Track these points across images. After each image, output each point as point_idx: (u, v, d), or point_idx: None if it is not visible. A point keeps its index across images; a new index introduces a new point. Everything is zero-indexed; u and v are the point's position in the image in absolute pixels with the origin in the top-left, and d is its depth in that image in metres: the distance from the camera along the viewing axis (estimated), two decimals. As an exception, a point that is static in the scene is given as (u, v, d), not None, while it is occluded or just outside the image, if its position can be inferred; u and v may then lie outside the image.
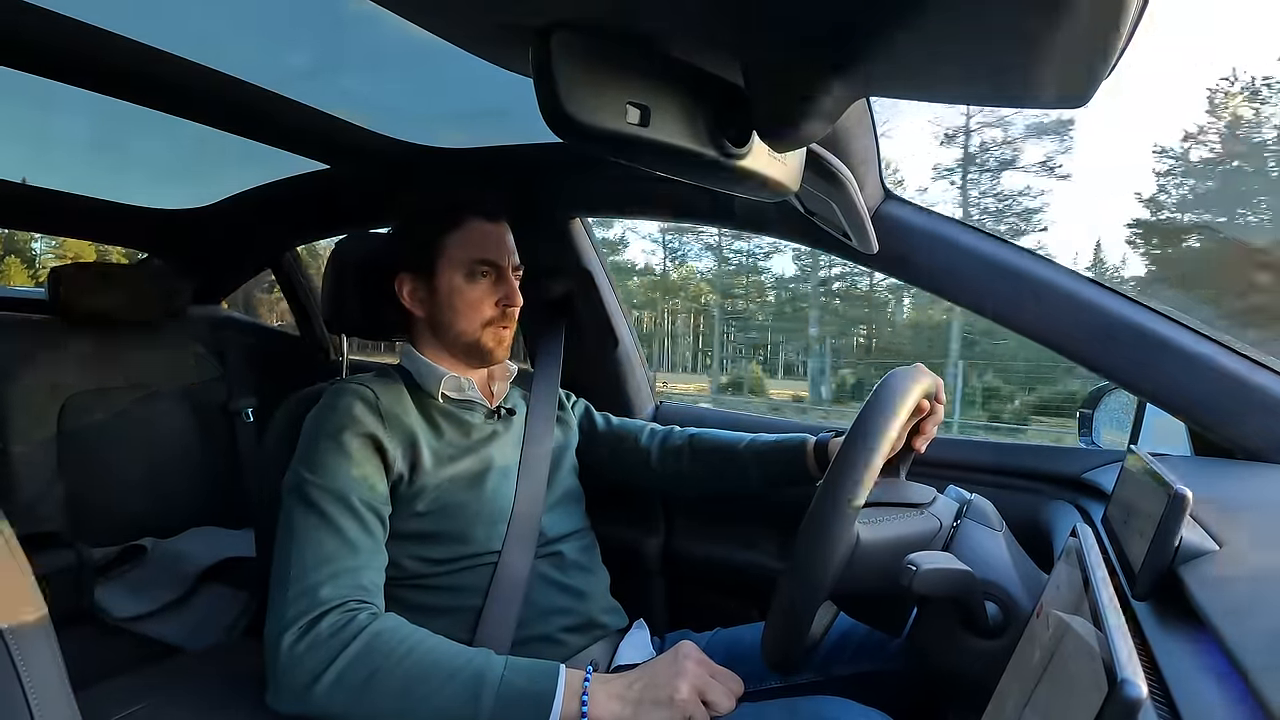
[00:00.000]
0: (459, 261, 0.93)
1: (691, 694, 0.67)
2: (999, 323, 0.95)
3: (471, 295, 0.93)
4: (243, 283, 2.06)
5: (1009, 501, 0.87)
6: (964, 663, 0.65)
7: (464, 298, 0.93)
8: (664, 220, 1.33)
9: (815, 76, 0.42)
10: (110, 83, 0.99)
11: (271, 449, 0.93)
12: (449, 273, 0.93)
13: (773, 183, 0.54)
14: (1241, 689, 0.38)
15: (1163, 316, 0.87)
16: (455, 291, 0.93)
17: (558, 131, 0.41)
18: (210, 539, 1.48)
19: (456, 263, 0.93)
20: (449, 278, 0.93)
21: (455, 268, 0.93)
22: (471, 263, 0.93)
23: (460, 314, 0.93)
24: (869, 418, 0.65)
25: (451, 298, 0.93)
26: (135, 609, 1.25)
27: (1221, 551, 0.54)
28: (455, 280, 0.93)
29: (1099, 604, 0.39)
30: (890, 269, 0.99)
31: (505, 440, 0.97)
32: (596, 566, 1.00)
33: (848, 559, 0.64)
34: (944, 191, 18.55)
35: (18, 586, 0.51)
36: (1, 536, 0.52)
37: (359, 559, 0.75)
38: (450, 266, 0.93)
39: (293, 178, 1.51)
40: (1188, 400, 0.86)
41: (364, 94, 1.13)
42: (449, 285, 0.93)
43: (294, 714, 0.68)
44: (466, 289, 0.93)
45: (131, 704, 0.73)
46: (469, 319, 0.94)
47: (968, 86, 0.42)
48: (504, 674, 0.67)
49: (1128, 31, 0.31)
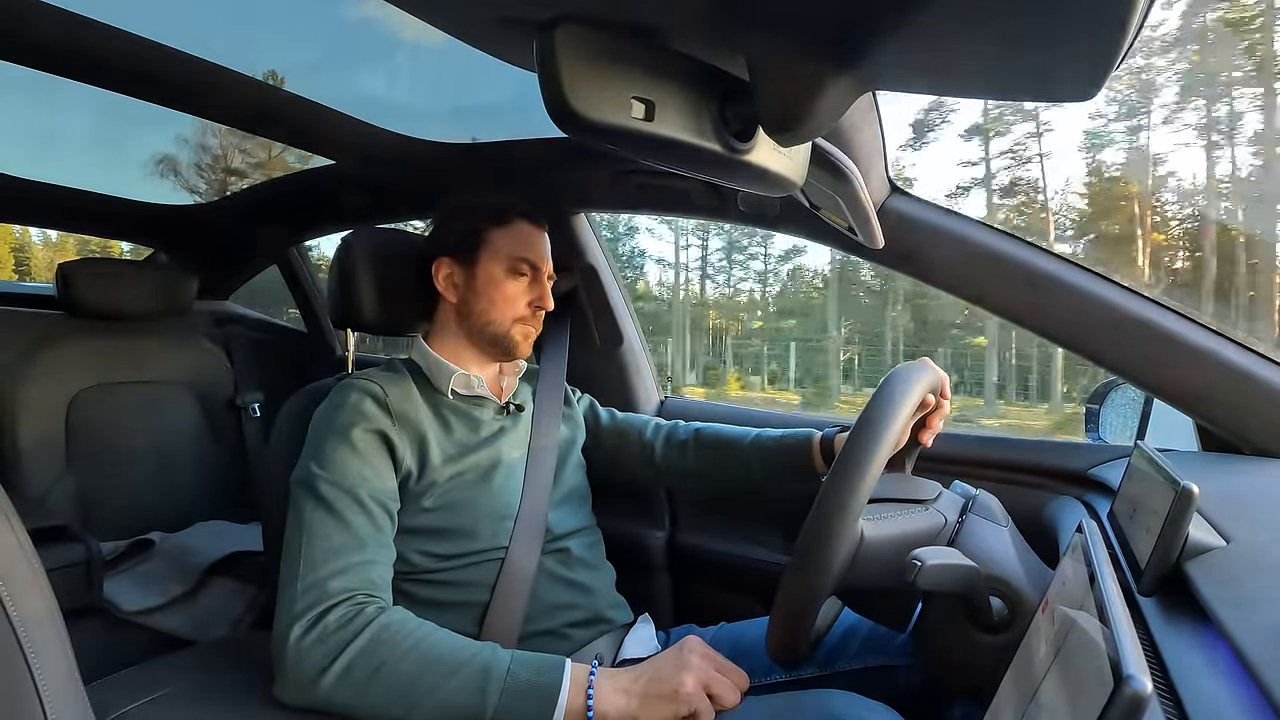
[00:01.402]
0: (502, 255, 0.95)
1: (696, 688, 0.68)
2: (1004, 317, 0.95)
3: (508, 290, 0.95)
4: (249, 278, 2.07)
5: (1014, 497, 0.87)
6: (969, 658, 0.65)
7: (501, 290, 0.95)
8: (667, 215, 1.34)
9: (821, 70, 0.41)
10: (116, 79, 1.00)
11: (278, 444, 0.94)
12: (490, 264, 0.95)
13: (778, 177, 0.53)
14: (1248, 684, 0.37)
15: (1170, 311, 0.86)
16: (493, 283, 0.95)
17: (562, 126, 0.41)
18: (218, 533, 1.49)
19: (499, 256, 0.95)
20: (489, 269, 0.95)
21: (497, 261, 0.95)
22: (513, 259, 0.95)
23: (494, 305, 0.95)
24: (874, 412, 0.65)
25: (489, 288, 0.95)
26: (144, 602, 1.26)
27: (1228, 547, 0.54)
28: (495, 272, 0.95)
29: (1105, 599, 0.39)
30: (896, 264, 0.99)
31: (513, 436, 0.97)
32: (602, 563, 1.00)
33: (852, 555, 0.64)
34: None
35: (28, 580, 0.52)
36: (12, 530, 0.52)
37: (367, 553, 0.76)
38: (492, 258, 0.95)
39: (299, 173, 1.51)
40: (1195, 395, 0.86)
41: (370, 89, 1.13)
42: (487, 275, 0.95)
43: (301, 706, 0.69)
44: (505, 282, 0.95)
45: (140, 696, 0.74)
46: (502, 312, 0.95)
47: (973, 81, 0.41)
48: (510, 667, 0.67)
49: (1134, 27, 0.31)
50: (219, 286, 2.01)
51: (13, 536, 0.52)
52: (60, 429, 1.40)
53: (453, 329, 0.98)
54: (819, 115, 0.44)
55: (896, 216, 0.94)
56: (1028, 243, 0.92)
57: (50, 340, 1.43)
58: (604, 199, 1.20)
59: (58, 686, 0.50)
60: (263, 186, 1.63)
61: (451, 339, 0.98)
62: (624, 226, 21.41)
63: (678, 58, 0.47)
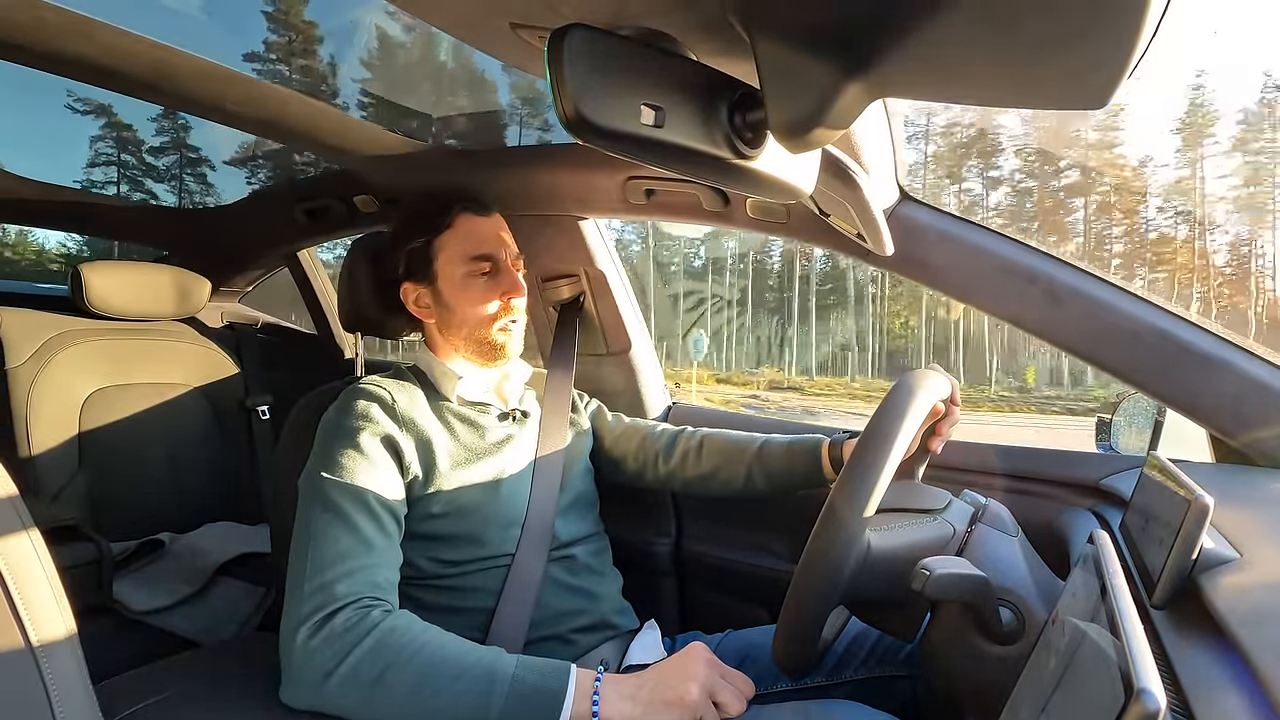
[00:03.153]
0: (456, 261, 0.94)
1: (702, 695, 0.67)
2: (1016, 326, 0.94)
3: (473, 293, 0.94)
4: (259, 281, 2.08)
5: (1025, 507, 0.86)
6: (977, 669, 0.64)
7: (467, 297, 0.94)
8: (676, 221, 1.33)
9: (831, 78, 0.41)
10: (121, 80, 1.01)
11: (287, 447, 0.94)
12: (448, 276, 0.94)
13: (788, 184, 0.53)
14: (1262, 699, 0.37)
15: (1184, 320, 0.86)
16: (457, 290, 0.94)
17: (572, 132, 0.41)
18: (226, 534, 1.49)
19: (454, 263, 0.94)
20: (449, 280, 0.94)
21: (453, 269, 0.94)
22: (468, 260, 0.94)
23: (466, 314, 0.94)
24: (883, 419, 0.65)
25: (455, 299, 0.94)
26: (152, 602, 1.27)
27: (1242, 560, 0.53)
28: (455, 282, 0.94)
29: (1116, 611, 0.38)
30: (905, 271, 0.99)
31: (519, 443, 0.97)
32: (608, 569, 1.00)
33: (860, 564, 0.63)
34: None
35: (40, 579, 0.52)
36: (24, 530, 0.53)
37: (373, 557, 0.76)
38: (448, 268, 0.94)
39: (310, 177, 1.52)
40: (1209, 406, 0.85)
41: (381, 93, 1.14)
42: (450, 288, 0.94)
43: (308, 708, 0.69)
44: (467, 288, 0.94)
45: (148, 696, 0.74)
46: (475, 317, 0.94)
47: (984, 89, 0.41)
48: (515, 672, 0.67)
49: (1147, 36, 0.31)
50: (229, 289, 2.02)
51: (25, 536, 0.53)
52: (73, 430, 1.41)
53: (442, 343, 0.98)
54: (829, 122, 0.44)
55: (906, 223, 0.94)
56: (1043, 252, 0.91)
57: (64, 341, 1.44)
58: (613, 205, 1.20)
59: (67, 685, 0.50)
60: (272, 189, 1.65)
61: (445, 351, 0.98)
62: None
63: (688, 64, 0.47)
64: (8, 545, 0.51)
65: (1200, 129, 44.19)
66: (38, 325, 1.43)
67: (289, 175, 1.63)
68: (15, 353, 1.38)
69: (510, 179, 1.21)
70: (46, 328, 1.44)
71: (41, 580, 0.52)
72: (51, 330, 1.44)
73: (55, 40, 0.88)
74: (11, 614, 0.49)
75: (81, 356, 1.46)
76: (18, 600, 0.49)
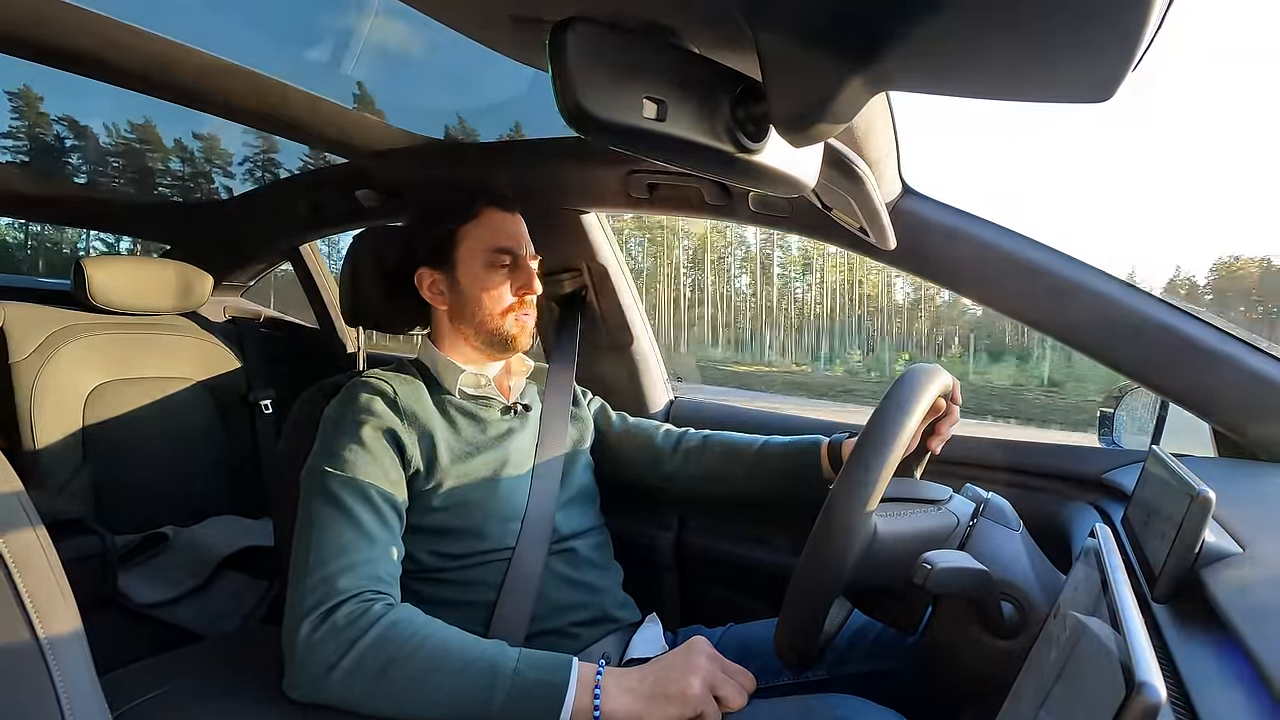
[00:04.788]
0: (477, 251, 0.95)
1: (703, 689, 0.68)
2: (1018, 319, 0.94)
3: (491, 284, 0.95)
4: (262, 275, 2.08)
5: (1027, 501, 0.86)
6: (979, 663, 0.65)
7: (484, 287, 0.95)
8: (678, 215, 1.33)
9: (834, 71, 0.41)
10: (129, 77, 1.01)
11: (290, 440, 0.94)
12: (468, 264, 0.95)
13: (790, 178, 0.53)
14: (1263, 694, 0.37)
15: (1187, 314, 0.85)
16: (475, 281, 0.95)
17: (574, 125, 0.41)
18: (230, 528, 1.50)
19: (475, 253, 0.95)
20: (469, 268, 0.95)
21: (474, 258, 0.95)
22: (490, 252, 0.95)
23: (482, 303, 0.95)
24: (884, 417, 0.65)
25: (472, 288, 0.95)
26: (157, 595, 1.27)
27: (1244, 554, 0.53)
28: (475, 270, 0.95)
29: (1118, 605, 0.38)
30: (908, 265, 0.98)
31: (521, 437, 0.97)
32: (609, 563, 1.00)
33: (863, 553, 0.63)
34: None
35: (45, 572, 0.52)
36: (29, 523, 0.53)
37: (375, 550, 0.76)
38: (469, 257, 0.95)
39: (313, 171, 1.52)
40: (1212, 400, 0.85)
41: (383, 88, 1.13)
42: (469, 276, 0.95)
43: (310, 701, 0.69)
44: (486, 278, 0.95)
45: (153, 688, 0.74)
46: (491, 308, 0.95)
47: (989, 83, 0.41)
48: (518, 665, 0.68)
49: (1152, 30, 0.31)
50: (231, 283, 2.03)
51: (30, 529, 0.53)
52: (77, 424, 1.42)
53: (451, 333, 0.98)
54: (832, 116, 0.43)
55: (909, 217, 0.94)
56: (1046, 246, 0.91)
57: (67, 336, 1.45)
58: (614, 198, 1.20)
59: (74, 678, 0.50)
60: (275, 183, 1.65)
61: (451, 342, 0.98)
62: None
63: (690, 57, 0.46)
64: (13, 539, 0.51)
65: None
66: (41, 319, 1.44)
67: (291, 170, 1.63)
68: (19, 347, 1.38)
69: (513, 172, 1.21)
70: (50, 322, 1.44)
71: (46, 574, 0.52)
72: (55, 325, 1.45)
73: (55, 34, 0.88)
74: (18, 607, 0.49)
75: (85, 351, 1.46)
76: (24, 594, 0.49)
